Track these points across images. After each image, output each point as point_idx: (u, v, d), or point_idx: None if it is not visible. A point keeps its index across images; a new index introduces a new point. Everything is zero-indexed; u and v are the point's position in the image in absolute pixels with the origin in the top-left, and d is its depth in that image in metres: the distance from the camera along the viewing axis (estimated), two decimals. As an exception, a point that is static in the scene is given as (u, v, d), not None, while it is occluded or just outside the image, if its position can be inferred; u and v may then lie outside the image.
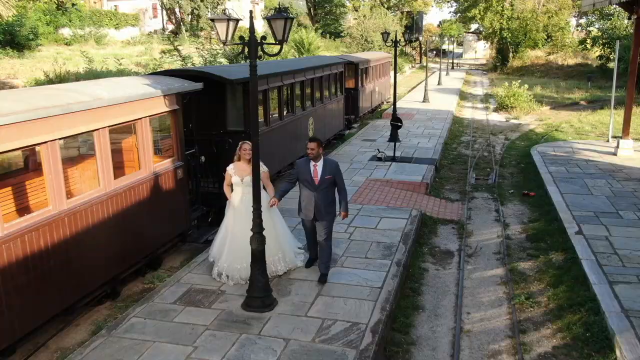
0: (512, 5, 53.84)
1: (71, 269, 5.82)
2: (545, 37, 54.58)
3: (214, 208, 9.34)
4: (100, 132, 6.13)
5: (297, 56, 28.54)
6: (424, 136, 18.13)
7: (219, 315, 6.23)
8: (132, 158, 7.01)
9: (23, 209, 5.83)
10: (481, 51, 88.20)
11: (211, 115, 9.82)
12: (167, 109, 7.46)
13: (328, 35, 53.05)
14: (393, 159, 14.23)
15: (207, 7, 48.77)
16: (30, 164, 6.57)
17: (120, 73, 21.67)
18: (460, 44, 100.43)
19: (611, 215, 9.73)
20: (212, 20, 5.76)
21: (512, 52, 53.98)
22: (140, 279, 7.73)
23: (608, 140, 16.72)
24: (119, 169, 6.70)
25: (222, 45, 23.61)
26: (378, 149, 14.84)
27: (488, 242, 9.49)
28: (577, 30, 55.23)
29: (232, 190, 7.07)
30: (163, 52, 33.48)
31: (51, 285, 5.56)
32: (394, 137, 15.75)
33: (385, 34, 17.22)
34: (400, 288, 7.30)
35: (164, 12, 51.94)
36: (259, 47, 5.82)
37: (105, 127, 6.22)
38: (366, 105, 22.25)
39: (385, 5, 61.30)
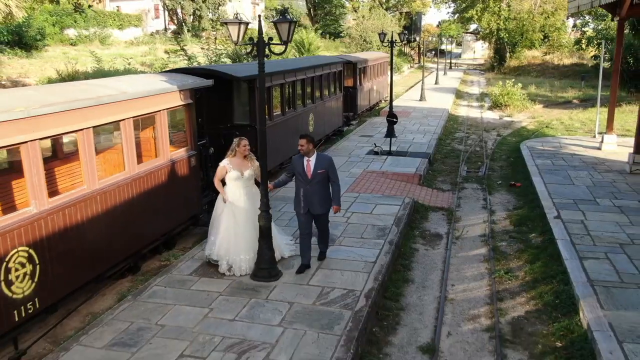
0: (509, 6, 54.70)
1: (101, 241, 6.63)
2: (542, 38, 55.41)
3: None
4: (125, 122, 6.95)
5: (297, 56, 29.36)
6: (419, 132, 18.94)
7: (230, 284, 7.05)
8: (152, 146, 7.82)
9: (64, 187, 6.63)
10: (480, 51, 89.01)
11: (219, 110, 10.64)
12: (182, 103, 8.27)
13: (328, 36, 53.90)
14: (389, 152, 15.04)
15: (208, 8, 49.64)
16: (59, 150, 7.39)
17: (128, 72, 22.49)
18: (459, 44, 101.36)
19: (589, 203, 10.53)
20: (226, 23, 6.57)
21: (509, 52, 54.78)
22: (157, 257, 8.54)
23: (594, 136, 17.55)
24: (140, 156, 7.51)
25: (224, 45, 24.51)
26: (375, 144, 15.66)
27: (474, 226, 10.31)
28: (573, 30, 56.01)
29: (223, 185, 7.35)
30: (167, 51, 34.35)
31: (86, 254, 6.37)
32: (390, 133, 16.56)
33: (382, 35, 18.03)
34: (392, 264, 8.11)
35: (166, 12, 52.82)
36: (266, 47, 6.63)
37: (129, 118, 7.03)
38: (364, 103, 23.07)
39: (384, 6, 62.08)
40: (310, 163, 7.16)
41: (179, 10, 50.68)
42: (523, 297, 7.38)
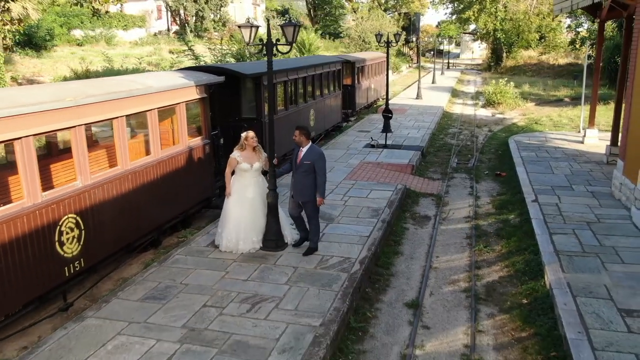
0: (505, 7, 55.76)
1: (132, 214, 7.68)
2: (539, 38, 56.45)
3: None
4: (152, 112, 7.99)
5: (298, 55, 30.39)
6: (414, 128, 20.00)
7: (242, 254, 8.09)
8: (173, 134, 8.87)
9: (103, 167, 7.67)
10: (478, 51, 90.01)
11: (229, 104, 11.68)
12: (198, 97, 9.31)
13: (327, 36, 54.96)
14: (385, 146, 16.10)
15: (210, 9, 50.71)
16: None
17: (136, 71, 23.55)
18: (458, 44, 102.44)
19: (565, 189, 11.57)
20: (240, 27, 7.61)
21: (506, 53, 55.82)
22: (176, 234, 9.59)
23: (579, 131, 18.60)
24: (163, 142, 8.56)
25: (229, 45, 25.58)
26: (372, 137, 16.72)
27: (460, 209, 11.37)
28: (567, 31, 57.06)
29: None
30: (171, 51, 35.42)
31: (120, 224, 7.43)
32: (386, 128, 17.59)
33: (378, 36, 19.07)
34: (384, 239, 9.16)
35: (169, 13, 53.88)
36: (274, 47, 7.68)
37: (155, 109, 8.08)
38: (362, 101, 24.11)
39: (383, 7, 63.10)
40: (301, 153, 7.75)
41: (181, 11, 51.75)
42: (498, 266, 8.44)
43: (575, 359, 5.48)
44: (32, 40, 30.60)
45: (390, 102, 19.08)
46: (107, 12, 18.40)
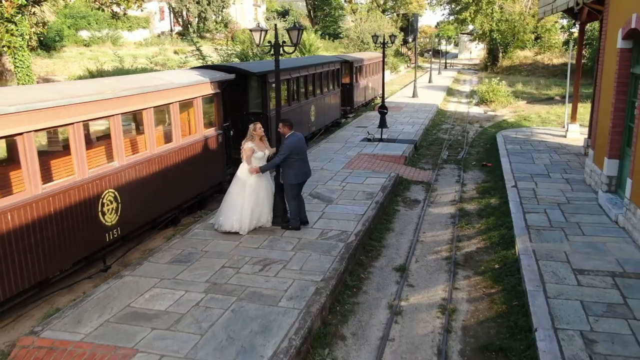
0: (501, 8, 56.98)
1: (158, 192, 8.87)
2: (534, 38, 57.64)
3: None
4: (174, 105, 9.18)
5: (299, 55, 31.57)
6: (409, 124, 21.19)
7: (253, 229, 9.26)
8: (191, 125, 10.05)
9: (134, 151, 8.85)
10: (475, 52, 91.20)
11: (238, 100, 12.86)
12: (212, 92, 10.50)
13: (327, 37, 56.11)
14: (380, 139, 17.28)
15: (213, 11, 51.87)
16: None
17: (144, 70, 24.72)
18: (457, 44, 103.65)
19: (543, 176, 12.75)
20: (251, 30, 8.80)
21: (502, 53, 57.03)
22: (191, 215, 10.77)
23: (564, 127, 19.78)
24: (183, 131, 9.74)
25: (234, 46, 26.74)
26: (368, 132, 17.90)
27: (447, 194, 12.56)
28: (561, 31, 58.25)
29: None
30: (176, 52, 36.59)
31: (148, 200, 8.61)
32: (382, 123, 18.79)
33: (375, 37, 20.26)
34: (377, 217, 10.34)
35: (172, 15, 55.04)
36: (280, 48, 8.87)
37: (176, 102, 9.26)
38: (360, 99, 25.29)
39: (381, 8, 64.27)
40: (285, 141, 8.74)
41: (184, 13, 52.91)
42: (477, 239, 9.63)
43: (531, 304, 6.66)
44: (42, 42, 31.77)
45: (387, 100, 20.30)
46: (124, 14, 19.48)
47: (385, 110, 18.07)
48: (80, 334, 5.97)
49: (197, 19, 52.14)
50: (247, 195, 8.93)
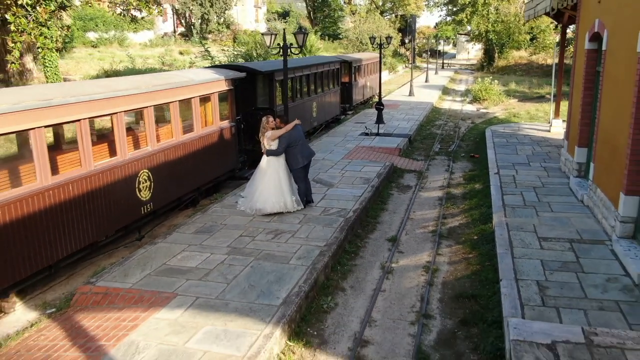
0: (497, 10, 58.39)
1: (182, 173, 10.21)
2: (530, 39, 59.02)
3: (249, 159, 13.75)
4: (195, 99, 10.53)
5: (300, 56, 32.94)
6: (404, 120, 22.55)
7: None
8: (209, 117, 11.39)
9: (163, 138, 10.18)
10: (473, 52, 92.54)
11: (247, 96, 14.21)
12: (227, 88, 11.84)
13: (326, 37, 57.47)
14: (377, 134, 18.63)
15: (215, 13, 53.23)
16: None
17: (153, 70, 26.05)
18: (455, 45, 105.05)
19: (524, 165, 14.09)
20: (263, 34, 10.14)
21: (498, 53, 58.43)
22: (208, 198, 12.11)
23: (549, 122, 21.13)
24: (202, 122, 11.08)
25: (240, 47, 28.11)
26: (366, 127, 19.25)
27: (437, 181, 13.92)
28: (555, 32, 59.56)
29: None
30: (181, 52, 37.93)
31: (174, 180, 9.95)
32: (379, 119, 20.13)
33: (372, 38, 21.61)
34: (373, 199, 11.69)
35: (175, 16, 56.39)
36: (288, 49, 10.21)
37: (197, 97, 10.61)
38: (358, 97, 26.64)
39: (380, 9, 65.64)
40: None
41: (187, 14, 54.25)
42: (460, 217, 10.98)
43: (500, 263, 8.00)
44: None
45: (385, 99, 21.64)
46: (142, 18, 20.76)
47: (381, 107, 19.43)
48: (128, 284, 7.31)
49: (200, 21, 53.47)
50: (267, 180, 10.05)
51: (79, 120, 7.45)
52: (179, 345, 5.80)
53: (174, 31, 55.80)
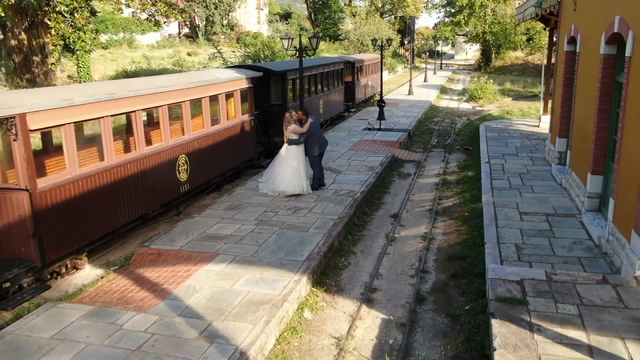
0: (493, 12, 59.99)
1: (211, 160, 11.73)
2: (527, 40, 60.59)
3: (265, 150, 15.28)
4: (221, 95, 12.04)
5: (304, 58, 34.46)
6: (404, 117, 24.08)
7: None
8: (232, 111, 12.90)
9: (196, 129, 11.67)
10: (471, 52, 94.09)
11: (263, 93, 15.72)
12: (246, 86, 13.35)
13: (327, 38, 59.02)
14: (379, 129, 20.16)
15: (220, 14, 54.75)
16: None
17: (164, 71, 27.55)
18: (453, 45, 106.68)
19: (512, 156, 15.61)
20: (281, 38, 11.64)
21: (494, 54, 60.01)
22: (230, 184, 13.62)
23: (539, 118, 22.66)
24: (227, 116, 12.59)
25: (249, 49, 29.65)
26: (369, 122, 20.78)
27: (433, 169, 15.44)
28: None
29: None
30: (189, 54, 39.42)
31: (205, 165, 11.46)
32: (380, 116, 21.65)
33: (373, 40, 23.13)
34: (377, 184, 13.21)
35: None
36: (303, 51, 11.72)
37: (223, 93, 12.12)
38: (361, 96, 28.17)
39: (380, 11, 67.19)
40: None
41: (192, 16, 55.74)
42: (453, 198, 12.50)
43: (485, 231, 9.51)
44: (67, 45, 34.55)
45: (385, 97, 23.13)
46: (164, 21, 22.25)
47: (383, 104, 20.95)
48: (176, 246, 8.83)
49: (204, 22, 54.95)
50: (288, 165, 11.52)
51: (134, 111, 8.96)
52: (227, 287, 7.32)
53: (179, 33, 57.29)
